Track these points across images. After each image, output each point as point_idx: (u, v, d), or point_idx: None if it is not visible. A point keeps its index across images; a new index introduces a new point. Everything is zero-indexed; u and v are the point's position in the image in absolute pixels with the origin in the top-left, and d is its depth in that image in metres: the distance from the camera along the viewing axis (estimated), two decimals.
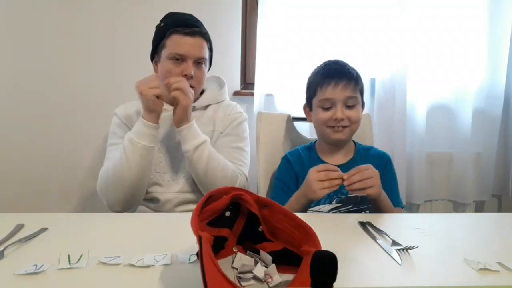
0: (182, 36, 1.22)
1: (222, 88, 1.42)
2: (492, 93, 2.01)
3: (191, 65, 1.23)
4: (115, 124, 1.32)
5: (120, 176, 1.14)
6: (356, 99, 1.23)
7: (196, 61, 1.25)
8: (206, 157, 1.17)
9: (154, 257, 0.69)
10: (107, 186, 1.17)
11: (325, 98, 1.22)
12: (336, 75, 1.22)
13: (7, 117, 1.77)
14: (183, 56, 1.23)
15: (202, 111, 1.34)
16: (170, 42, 1.23)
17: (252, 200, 0.68)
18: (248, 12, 1.92)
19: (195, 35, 1.24)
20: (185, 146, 1.17)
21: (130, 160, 1.13)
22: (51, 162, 1.81)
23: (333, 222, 0.97)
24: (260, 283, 0.62)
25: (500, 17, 1.94)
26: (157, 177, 1.27)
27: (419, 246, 0.75)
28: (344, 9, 1.84)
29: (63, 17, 1.76)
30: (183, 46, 1.22)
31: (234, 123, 1.33)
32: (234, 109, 1.37)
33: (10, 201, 1.79)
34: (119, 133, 1.28)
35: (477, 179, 2.06)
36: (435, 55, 1.95)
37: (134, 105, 1.34)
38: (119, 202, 1.17)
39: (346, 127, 1.23)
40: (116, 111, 1.34)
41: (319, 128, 1.28)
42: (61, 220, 0.92)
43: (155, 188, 1.27)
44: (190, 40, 1.23)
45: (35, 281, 0.61)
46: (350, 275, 0.65)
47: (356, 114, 1.23)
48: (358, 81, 1.25)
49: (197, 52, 1.24)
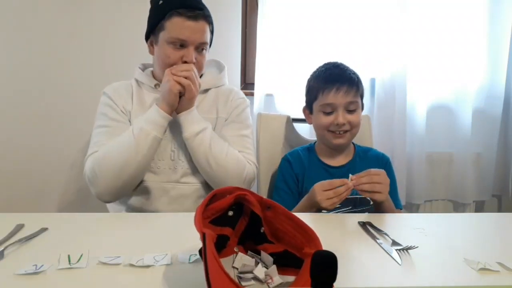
0: (184, 19, 1.12)
1: (221, 71, 1.34)
2: (492, 93, 2.01)
3: (192, 52, 1.15)
4: (104, 104, 1.21)
5: (123, 163, 1.07)
6: (357, 103, 1.24)
7: (198, 46, 1.16)
8: (207, 144, 1.11)
9: (154, 257, 0.69)
10: (101, 172, 1.07)
11: (327, 103, 1.22)
12: (338, 80, 1.22)
13: (7, 117, 1.77)
14: (185, 41, 1.14)
15: (202, 95, 1.26)
16: (170, 25, 1.13)
17: (256, 201, 0.68)
18: (248, 12, 1.92)
19: (198, 19, 1.13)
20: (185, 133, 1.12)
21: (139, 150, 1.07)
22: (51, 162, 1.81)
23: (333, 222, 0.97)
24: (260, 283, 0.62)
25: (500, 17, 1.94)
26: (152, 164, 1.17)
27: (419, 246, 0.75)
28: (344, 9, 1.84)
29: (63, 18, 1.76)
30: (185, 31, 1.13)
31: (238, 109, 1.27)
32: (237, 95, 1.31)
33: (10, 201, 1.79)
34: (109, 113, 1.19)
35: (477, 179, 2.06)
36: (435, 55, 1.95)
37: (124, 85, 1.26)
38: (112, 191, 1.10)
39: (347, 132, 1.23)
40: (106, 90, 1.24)
41: (320, 132, 1.28)
42: (61, 220, 0.92)
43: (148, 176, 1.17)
44: (193, 24, 1.13)
45: (35, 281, 0.61)
46: (350, 275, 0.65)
47: (356, 119, 1.23)
48: (359, 86, 1.25)
49: (199, 37, 1.15)
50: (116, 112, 1.19)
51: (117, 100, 1.20)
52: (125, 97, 1.22)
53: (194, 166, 1.19)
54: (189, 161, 1.19)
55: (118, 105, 1.20)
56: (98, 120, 1.21)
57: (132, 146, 1.07)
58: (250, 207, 0.68)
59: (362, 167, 1.26)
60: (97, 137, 1.16)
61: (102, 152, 1.11)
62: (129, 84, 1.26)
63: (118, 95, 1.22)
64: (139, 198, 1.19)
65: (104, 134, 1.15)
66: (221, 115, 1.25)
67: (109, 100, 1.21)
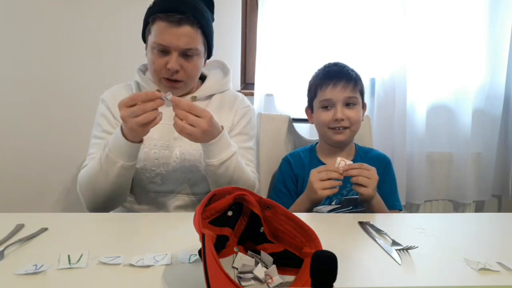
0: (165, 24, 1.05)
1: (226, 75, 1.28)
2: (492, 93, 2.02)
3: (175, 58, 1.07)
4: (100, 114, 1.17)
5: (94, 189, 1.04)
6: (355, 99, 1.24)
7: (184, 52, 1.09)
8: (231, 172, 1.05)
9: (154, 257, 0.69)
10: (81, 191, 1.08)
11: (325, 99, 1.24)
12: (335, 75, 1.24)
13: (7, 117, 1.77)
14: (167, 47, 1.07)
15: (205, 101, 1.21)
16: (153, 29, 1.08)
17: (255, 201, 0.68)
18: (248, 12, 1.92)
19: (182, 24, 1.05)
20: (211, 160, 1.03)
21: (107, 177, 1.01)
22: (51, 162, 1.81)
23: (333, 222, 0.97)
24: (260, 283, 0.62)
25: (500, 17, 1.95)
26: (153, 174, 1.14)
27: (419, 246, 0.75)
28: (344, 9, 1.84)
29: (62, 20, 1.76)
30: (165, 36, 1.06)
31: (244, 120, 1.23)
32: (242, 103, 1.25)
33: (10, 201, 1.79)
34: (104, 125, 1.15)
35: (477, 179, 2.06)
36: (435, 55, 1.95)
37: (125, 89, 1.21)
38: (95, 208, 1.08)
39: (347, 128, 1.23)
40: (104, 97, 1.19)
41: (321, 130, 1.28)
42: (61, 220, 0.92)
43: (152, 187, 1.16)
44: (175, 30, 1.05)
45: (35, 281, 0.61)
46: (350, 275, 0.65)
47: (356, 115, 1.23)
48: (357, 82, 1.25)
49: (182, 43, 1.06)
50: (110, 124, 1.15)
51: (114, 108, 1.14)
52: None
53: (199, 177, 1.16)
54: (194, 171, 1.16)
55: (114, 115, 1.15)
56: (94, 129, 1.19)
57: (101, 173, 1.01)
58: (250, 207, 0.68)
59: None
60: (91, 149, 1.15)
61: (82, 171, 1.09)
62: (130, 86, 1.23)
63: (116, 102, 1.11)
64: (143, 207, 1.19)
65: (97, 146, 1.13)
66: (225, 124, 1.17)
67: (105, 109, 1.17)
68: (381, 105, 1.92)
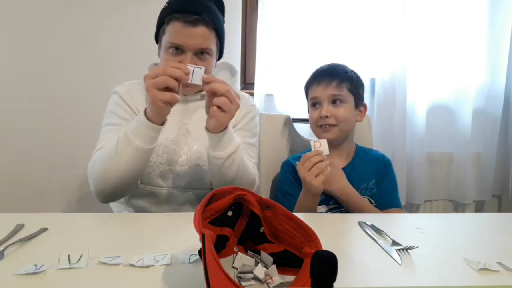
0: (181, 24, 1.07)
1: (234, 76, 1.30)
2: (492, 93, 2.02)
3: (189, 58, 1.09)
4: (114, 103, 1.18)
5: (106, 170, 1.02)
6: (341, 96, 1.23)
7: (197, 52, 1.11)
8: (237, 165, 1.05)
9: (154, 257, 0.69)
10: (92, 174, 1.07)
11: (312, 97, 1.28)
12: (321, 74, 1.27)
13: (7, 118, 1.77)
14: (182, 46, 1.09)
15: None
16: (168, 29, 1.10)
17: (255, 201, 0.68)
18: (248, 12, 1.92)
19: (197, 24, 1.08)
20: (217, 153, 1.03)
21: (121, 157, 0.99)
22: (51, 162, 1.81)
23: (333, 222, 0.97)
24: (260, 283, 0.62)
25: (500, 17, 1.95)
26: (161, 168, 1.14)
27: (419, 246, 0.75)
28: (344, 9, 1.85)
29: (63, 19, 1.76)
30: (181, 36, 1.08)
31: (247, 117, 1.25)
32: (247, 102, 1.27)
33: (10, 201, 1.79)
34: (119, 112, 1.15)
35: (477, 179, 2.06)
36: (435, 55, 1.95)
37: (138, 85, 1.22)
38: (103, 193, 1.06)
39: (334, 126, 1.23)
40: (117, 89, 1.20)
41: (312, 128, 1.31)
42: (61, 220, 0.92)
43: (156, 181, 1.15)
44: (190, 30, 1.08)
45: (35, 281, 0.61)
46: (350, 275, 0.65)
47: (342, 112, 1.23)
48: (343, 79, 1.24)
49: (197, 43, 1.09)
50: (126, 111, 1.15)
51: (129, 101, 1.17)
52: (138, 98, 1.19)
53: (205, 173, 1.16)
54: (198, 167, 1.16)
55: (131, 106, 1.17)
56: (106, 118, 1.18)
57: (114, 153, 1.01)
58: (250, 207, 0.68)
59: (362, 168, 1.27)
60: (105, 134, 1.14)
61: (97, 153, 1.09)
62: (141, 83, 1.22)
63: (130, 96, 1.18)
64: (145, 202, 1.19)
65: (112, 131, 1.12)
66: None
67: (119, 99, 1.17)
68: (381, 105, 1.92)
